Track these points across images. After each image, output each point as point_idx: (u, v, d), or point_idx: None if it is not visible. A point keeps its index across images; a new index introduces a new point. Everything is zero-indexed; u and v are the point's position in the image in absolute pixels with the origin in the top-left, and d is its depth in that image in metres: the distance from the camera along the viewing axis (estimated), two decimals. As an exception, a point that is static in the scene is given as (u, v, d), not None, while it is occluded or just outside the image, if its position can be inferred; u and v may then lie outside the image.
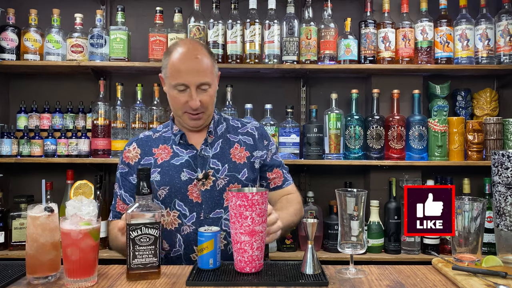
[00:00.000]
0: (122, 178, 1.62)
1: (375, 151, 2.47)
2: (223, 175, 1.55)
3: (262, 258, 1.23)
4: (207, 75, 1.51)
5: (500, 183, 1.30)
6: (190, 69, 1.49)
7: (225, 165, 1.56)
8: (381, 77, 2.62)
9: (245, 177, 1.57)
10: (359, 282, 1.16)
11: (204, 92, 1.52)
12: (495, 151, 1.32)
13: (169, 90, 1.55)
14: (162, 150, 1.60)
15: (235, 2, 2.52)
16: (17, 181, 2.69)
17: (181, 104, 1.52)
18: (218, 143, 1.61)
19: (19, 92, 2.74)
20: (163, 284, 1.15)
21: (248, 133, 1.67)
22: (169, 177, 1.54)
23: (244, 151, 1.61)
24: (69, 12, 2.56)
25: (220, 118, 1.69)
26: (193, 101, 1.49)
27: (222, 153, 1.59)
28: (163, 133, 1.66)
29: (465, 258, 1.28)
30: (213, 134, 1.61)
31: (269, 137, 1.72)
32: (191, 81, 1.49)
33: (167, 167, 1.56)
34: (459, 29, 2.51)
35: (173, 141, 1.61)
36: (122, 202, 1.61)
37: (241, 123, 1.71)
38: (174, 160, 1.57)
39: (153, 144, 1.62)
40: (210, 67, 1.53)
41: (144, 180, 1.20)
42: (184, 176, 1.54)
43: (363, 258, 2.32)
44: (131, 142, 1.67)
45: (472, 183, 2.42)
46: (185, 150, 1.58)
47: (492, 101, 2.64)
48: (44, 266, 1.16)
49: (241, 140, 1.64)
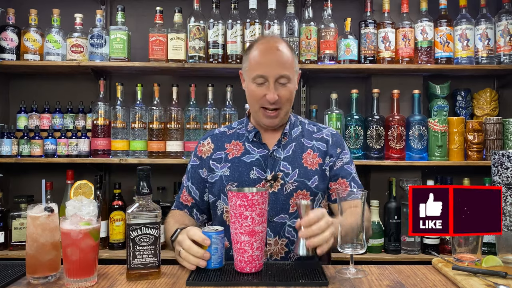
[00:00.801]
0: (192, 170, 1.62)
1: (375, 151, 2.47)
2: (292, 180, 1.51)
3: (262, 258, 1.23)
4: (287, 68, 1.48)
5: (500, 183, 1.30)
6: (270, 61, 1.47)
7: (295, 170, 1.53)
8: (381, 77, 2.62)
9: (315, 185, 1.52)
10: (359, 282, 1.16)
11: (283, 86, 1.48)
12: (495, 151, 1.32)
13: (248, 83, 1.53)
14: (234, 145, 1.59)
15: (235, 2, 2.52)
16: (17, 181, 2.69)
17: (258, 98, 1.49)
18: (291, 146, 1.57)
19: (19, 92, 2.74)
20: (163, 284, 1.15)
21: (323, 139, 1.61)
22: (238, 173, 1.53)
23: (317, 158, 1.56)
24: (69, 12, 2.56)
25: (296, 121, 1.65)
26: (271, 93, 1.46)
27: (294, 157, 1.55)
28: (237, 129, 1.64)
29: (465, 258, 1.28)
30: (287, 136, 1.58)
31: (344, 145, 1.64)
32: (270, 73, 1.46)
33: (237, 163, 1.54)
34: (459, 29, 2.51)
35: (246, 138, 1.59)
36: (187, 193, 1.61)
37: (317, 128, 1.66)
38: (245, 157, 1.55)
39: (226, 139, 1.62)
40: (290, 62, 1.50)
41: (144, 180, 1.20)
42: (253, 174, 1.52)
43: (363, 258, 2.32)
44: (206, 136, 1.66)
45: (472, 183, 2.42)
46: (257, 148, 1.56)
47: (492, 101, 2.64)
48: (44, 266, 1.16)
49: (315, 146, 1.59)
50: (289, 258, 1.48)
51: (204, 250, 1.23)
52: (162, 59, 2.46)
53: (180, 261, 1.28)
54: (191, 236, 1.25)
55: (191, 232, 1.26)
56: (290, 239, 1.48)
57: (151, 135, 2.47)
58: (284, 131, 1.58)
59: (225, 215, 1.54)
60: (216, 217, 1.58)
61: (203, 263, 1.23)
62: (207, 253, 1.22)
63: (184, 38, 2.46)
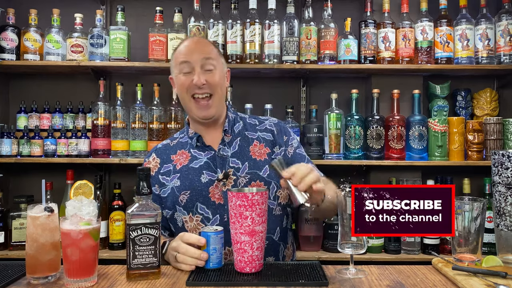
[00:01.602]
0: None
1: (375, 151, 2.47)
2: (244, 173, 1.51)
3: (262, 258, 1.23)
4: (210, 53, 1.51)
5: (500, 183, 1.29)
6: (193, 49, 1.50)
7: (245, 163, 1.53)
8: (381, 77, 2.62)
9: (267, 174, 1.53)
10: (359, 282, 1.16)
11: (210, 72, 1.50)
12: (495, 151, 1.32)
13: (176, 79, 1.53)
14: (180, 155, 1.58)
15: (235, 2, 2.52)
16: (17, 181, 2.69)
17: (186, 86, 1.49)
18: (236, 141, 1.57)
19: (19, 92, 2.74)
20: (163, 284, 1.15)
21: (267, 129, 1.62)
22: (189, 181, 1.52)
23: (264, 148, 1.57)
24: (69, 12, 2.56)
25: (236, 117, 1.65)
26: (197, 76, 1.47)
27: (241, 151, 1.55)
28: (180, 139, 1.64)
29: (465, 258, 1.28)
30: (229, 133, 1.58)
31: (289, 131, 1.66)
32: (194, 58, 1.48)
33: (186, 171, 1.53)
34: (459, 29, 2.51)
35: (190, 145, 1.58)
36: None
37: (258, 120, 1.67)
38: (193, 163, 1.54)
39: (171, 151, 1.60)
40: (215, 52, 1.54)
41: (144, 180, 1.20)
42: (204, 178, 1.51)
43: (363, 258, 2.32)
44: (150, 153, 1.65)
45: (472, 183, 2.42)
46: (203, 152, 1.56)
47: (492, 101, 2.64)
48: (44, 266, 1.16)
49: (260, 137, 1.60)
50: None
51: (201, 251, 1.23)
52: (162, 59, 2.47)
53: (177, 266, 1.28)
54: (186, 240, 1.26)
55: (185, 236, 1.28)
56: None
57: (151, 135, 2.47)
58: (224, 128, 1.57)
59: (186, 225, 1.52)
60: (178, 229, 1.55)
61: (201, 263, 1.23)
62: (205, 253, 1.23)
63: (184, 38, 2.46)
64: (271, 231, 1.48)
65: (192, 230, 1.50)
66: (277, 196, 1.55)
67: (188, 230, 1.51)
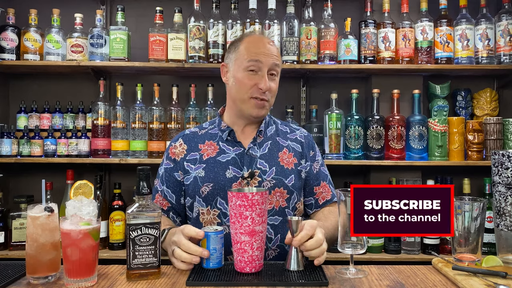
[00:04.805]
0: (166, 173, 1.58)
1: (375, 151, 2.47)
2: (270, 177, 1.50)
3: (262, 258, 1.23)
4: (278, 59, 1.53)
5: (500, 183, 1.30)
6: (267, 50, 1.50)
7: (272, 168, 1.52)
8: (381, 77, 2.62)
9: (292, 183, 1.52)
10: (359, 282, 1.16)
11: (273, 79, 1.51)
12: (495, 151, 1.32)
13: (237, 73, 1.51)
14: (208, 146, 1.57)
15: (235, 2, 2.52)
16: (17, 181, 2.69)
17: (249, 87, 1.48)
18: (267, 144, 1.57)
19: (19, 92, 2.74)
20: (163, 284, 1.15)
21: (297, 139, 1.62)
22: (214, 174, 1.51)
23: (293, 157, 1.57)
24: (69, 12, 2.56)
25: (271, 120, 1.65)
26: (265, 82, 1.47)
27: (270, 155, 1.55)
28: (209, 130, 1.62)
29: (465, 258, 1.28)
30: (262, 135, 1.58)
31: (316, 147, 1.67)
32: (266, 61, 1.48)
33: (212, 164, 1.52)
34: (459, 29, 2.51)
35: (220, 138, 1.57)
36: (162, 198, 1.57)
37: (290, 128, 1.67)
38: (220, 157, 1.53)
39: (199, 140, 1.59)
40: (280, 59, 1.56)
41: (144, 180, 1.20)
42: (229, 173, 1.50)
43: (363, 258, 2.32)
44: (177, 138, 1.63)
45: (472, 183, 2.42)
46: (232, 147, 1.55)
47: (492, 101, 2.64)
48: (44, 266, 1.16)
49: (290, 146, 1.59)
50: (267, 255, 1.48)
51: (202, 248, 1.23)
52: (162, 59, 2.47)
53: (173, 261, 1.27)
54: (186, 234, 1.25)
55: (185, 230, 1.26)
56: (268, 236, 1.48)
57: (151, 135, 2.47)
58: (260, 129, 1.57)
59: (201, 217, 1.52)
60: (192, 218, 1.55)
61: (196, 260, 1.22)
62: (206, 250, 1.22)
63: (184, 38, 2.47)
64: (283, 240, 1.43)
65: (207, 223, 1.50)
66: (296, 207, 1.56)
67: (203, 223, 1.51)
